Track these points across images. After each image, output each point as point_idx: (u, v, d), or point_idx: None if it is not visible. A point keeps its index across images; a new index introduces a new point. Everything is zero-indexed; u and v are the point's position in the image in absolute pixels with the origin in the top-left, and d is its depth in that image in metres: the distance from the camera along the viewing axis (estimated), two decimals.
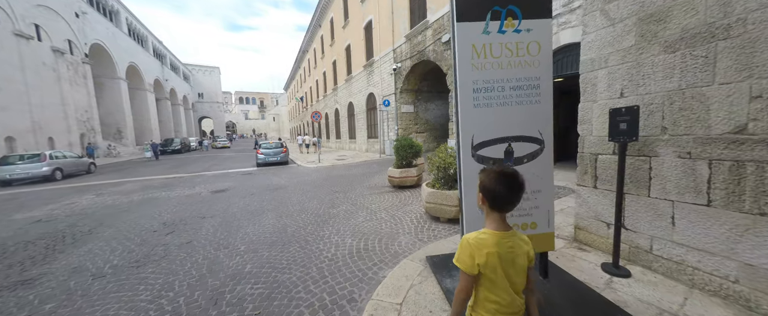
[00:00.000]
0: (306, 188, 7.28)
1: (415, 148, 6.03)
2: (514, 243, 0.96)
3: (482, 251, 0.92)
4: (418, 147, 6.05)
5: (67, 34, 19.22)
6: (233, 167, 13.73)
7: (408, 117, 14.25)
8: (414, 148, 6.03)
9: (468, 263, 0.93)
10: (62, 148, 18.15)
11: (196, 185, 8.63)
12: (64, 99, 18.51)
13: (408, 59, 12.58)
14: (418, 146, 6.06)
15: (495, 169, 1.00)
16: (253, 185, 7.99)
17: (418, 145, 6.09)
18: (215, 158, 19.66)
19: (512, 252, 0.95)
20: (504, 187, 0.94)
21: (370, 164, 11.58)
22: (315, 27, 27.33)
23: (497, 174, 0.97)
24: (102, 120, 26.19)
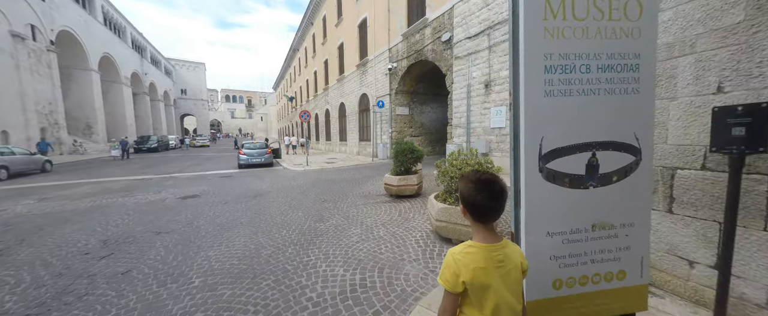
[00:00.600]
0: (290, 195, 6.43)
1: (416, 153, 5.35)
2: (504, 255, 0.90)
3: (469, 267, 0.85)
4: (419, 152, 5.37)
5: (29, 18, 17.45)
6: (213, 168, 12.60)
7: (402, 119, 13.61)
8: (415, 153, 5.34)
9: (451, 281, 0.87)
10: (19, 143, 16.32)
11: (164, 188, 7.57)
12: (22, 89, 16.70)
13: (404, 59, 11.98)
14: (419, 151, 5.38)
15: (471, 175, 0.93)
16: (230, 191, 7.05)
17: (419, 151, 5.41)
18: (194, 158, 18.29)
19: (503, 266, 0.89)
20: (483, 195, 0.87)
21: (362, 169, 10.81)
22: (307, 25, 26.45)
23: (474, 182, 0.90)
24: (69, 114, 24.10)
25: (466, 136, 8.69)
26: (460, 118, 8.88)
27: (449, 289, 0.87)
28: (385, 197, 5.75)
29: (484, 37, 7.77)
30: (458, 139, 9.01)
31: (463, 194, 0.92)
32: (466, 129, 8.62)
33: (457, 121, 9.01)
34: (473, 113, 8.34)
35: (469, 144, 8.55)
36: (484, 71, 7.85)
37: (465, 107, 8.62)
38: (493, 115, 7.67)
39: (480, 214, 0.90)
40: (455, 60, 8.85)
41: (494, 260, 0.87)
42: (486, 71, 7.80)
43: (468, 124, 8.54)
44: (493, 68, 7.60)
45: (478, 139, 8.12)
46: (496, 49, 7.44)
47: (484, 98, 7.92)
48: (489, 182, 0.89)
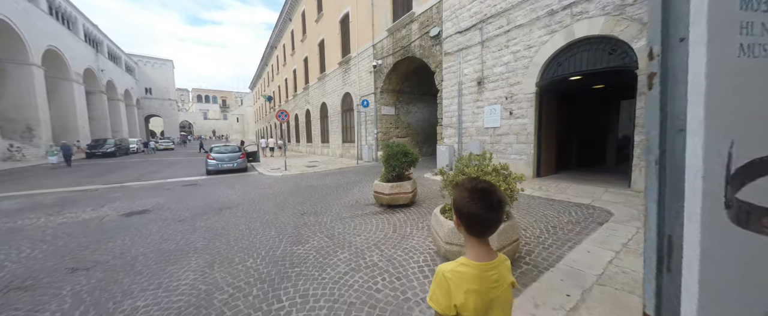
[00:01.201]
0: (264, 206, 5.51)
1: (410, 156, 4.69)
2: (499, 274, 0.83)
3: (461, 289, 0.79)
4: (413, 155, 4.71)
5: None
6: (176, 175, 11.17)
7: (388, 120, 12.97)
8: (409, 156, 4.68)
9: (443, 303, 0.81)
10: None
11: (108, 202, 6.32)
12: None
13: (390, 56, 11.35)
14: (413, 155, 4.72)
15: (467, 183, 0.86)
16: (191, 203, 5.97)
17: (413, 154, 4.76)
18: (157, 164, 16.45)
19: (498, 286, 0.82)
20: (480, 206, 0.80)
21: (346, 173, 10.00)
22: (285, 21, 25.11)
23: (470, 191, 0.83)
24: (4, 114, 21.00)
25: (457, 137, 8.19)
26: (451, 117, 8.38)
27: (441, 312, 0.81)
28: (375, 207, 5.02)
29: (476, 31, 7.31)
30: (449, 139, 8.50)
31: (457, 205, 0.84)
32: (458, 129, 8.13)
33: (448, 121, 8.50)
34: (465, 112, 7.87)
35: (461, 145, 8.07)
36: (477, 68, 7.39)
37: (456, 106, 8.13)
38: (486, 114, 7.22)
39: (476, 227, 0.82)
40: (445, 56, 8.35)
41: (489, 280, 0.81)
42: (478, 68, 7.35)
43: (459, 124, 8.05)
44: (486, 64, 7.15)
45: (470, 140, 7.64)
46: (490, 45, 7.00)
47: (477, 96, 7.47)
48: (486, 191, 0.81)
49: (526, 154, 6.42)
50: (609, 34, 4.88)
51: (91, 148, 22.57)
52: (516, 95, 6.49)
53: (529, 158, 6.36)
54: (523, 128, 6.40)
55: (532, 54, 6.08)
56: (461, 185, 0.87)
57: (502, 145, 6.93)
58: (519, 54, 6.36)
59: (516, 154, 6.62)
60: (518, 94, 6.44)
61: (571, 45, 5.46)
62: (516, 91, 6.48)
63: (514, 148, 6.65)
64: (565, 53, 5.62)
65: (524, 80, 6.30)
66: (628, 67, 4.71)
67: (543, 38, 5.85)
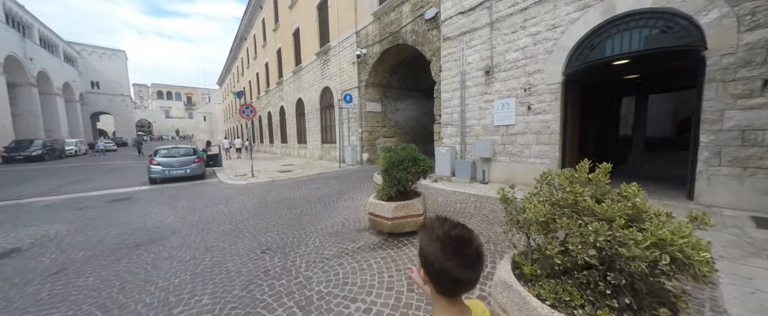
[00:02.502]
0: (208, 238, 3.82)
1: (422, 165, 3.30)
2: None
3: None
4: (425, 163, 3.33)
5: None
6: (109, 185, 8.85)
7: (374, 118, 11.54)
8: (420, 165, 3.29)
9: None
10: None
11: None
12: None
13: (376, 44, 9.92)
14: (426, 162, 3.34)
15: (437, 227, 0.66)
16: (99, 234, 4.11)
17: (426, 161, 3.37)
18: (94, 170, 13.57)
19: None
20: (455, 263, 0.62)
21: (327, 179, 8.41)
22: (255, 8, 22.65)
23: (442, 241, 0.64)
24: None
25: (459, 137, 6.98)
26: (452, 114, 7.15)
27: None
28: (371, 235, 3.58)
29: (483, 11, 6.13)
30: (449, 140, 7.27)
31: (424, 255, 0.67)
32: (460, 128, 6.92)
33: (448, 119, 7.26)
34: (469, 108, 6.67)
35: (464, 146, 6.86)
36: (484, 54, 6.21)
37: (458, 100, 6.91)
38: (497, 109, 6.07)
39: (448, 286, 0.66)
40: (444, 42, 7.10)
41: None
42: (486, 54, 6.17)
43: (462, 122, 6.84)
44: (496, 50, 5.99)
45: (476, 141, 6.45)
46: (501, 26, 5.84)
47: (485, 89, 6.29)
48: (463, 241, 0.64)
49: (548, 157, 5.33)
50: (664, 7, 3.87)
51: (9, 151, 18.53)
52: (535, 86, 5.38)
53: (552, 161, 5.28)
54: (545, 126, 5.30)
55: (558, 36, 5.00)
56: (430, 229, 0.67)
57: (516, 147, 5.80)
58: (540, 36, 5.25)
59: (535, 157, 5.51)
60: (538, 85, 5.33)
61: (609, 23, 4.42)
62: (536, 81, 5.38)
63: (533, 151, 5.54)
64: (601, 34, 4.58)
65: (547, 68, 5.20)
66: (692, 48, 3.73)
67: (572, 15, 4.77)
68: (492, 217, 4.09)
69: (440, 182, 6.69)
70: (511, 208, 1.81)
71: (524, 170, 5.67)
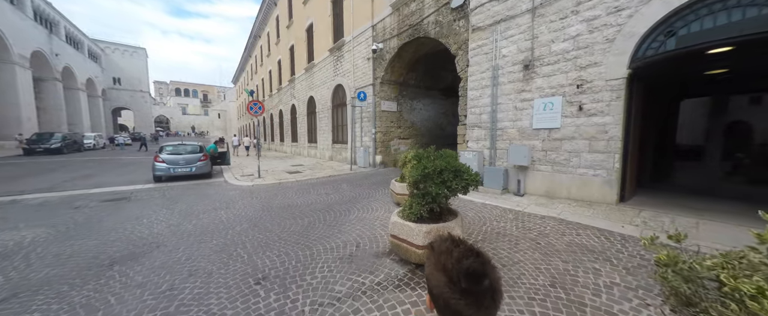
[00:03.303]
0: (198, 254, 3.19)
1: (467, 178, 2.50)
2: None
3: None
4: (471, 177, 2.52)
5: None
6: (114, 182, 8.53)
7: (389, 117, 10.80)
8: (464, 178, 2.50)
9: None
10: None
11: None
12: None
13: (394, 37, 9.18)
14: (471, 176, 2.53)
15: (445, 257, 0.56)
16: (75, 245, 3.56)
17: (472, 174, 2.57)
18: (106, 164, 13.53)
19: None
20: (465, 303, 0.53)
21: (337, 183, 7.73)
22: (269, 5, 22.43)
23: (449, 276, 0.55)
24: None
25: (489, 141, 6.13)
26: (480, 114, 6.31)
27: None
28: (393, 264, 2.83)
29: None
30: (476, 144, 6.42)
31: (430, 285, 0.59)
32: (490, 130, 6.07)
33: (475, 120, 6.42)
34: (502, 108, 5.81)
35: (494, 152, 6.00)
36: (523, 46, 5.35)
37: (488, 99, 6.07)
38: (537, 109, 5.19)
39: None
40: (473, 33, 6.27)
41: None
42: (526, 46, 5.31)
43: (493, 124, 5.99)
44: (539, 40, 5.12)
45: (510, 146, 5.59)
46: (546, 12, 4.97)
47: (522, 86, 5.43)
48: (475, 276, 0.54)
49: (604, 167, 4.42)
50: None
51: (31, 143, 18.99)
52: (590, 83, 4.48)
53: (610, 174, 4.36)
54: (602, 130, 4.40)
55: (623, 20, 4.09)
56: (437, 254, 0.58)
57: (562, 154, 4.91)
58: (597, 22, 4.36)
59: (587, 167, 4.61)
60: (594, 81, 4.44)
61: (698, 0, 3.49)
62: (590, 76, 4.48)
63: (584, 160, 4.64)
64: (685, 16, 3.65)
65: (606, 60, 4.30)
66: None
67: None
68: (544, 243, 3.25)
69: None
70: (663, 270, 1.00)
71: (571, 183, 4.78)
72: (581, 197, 4.67)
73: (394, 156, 11.02)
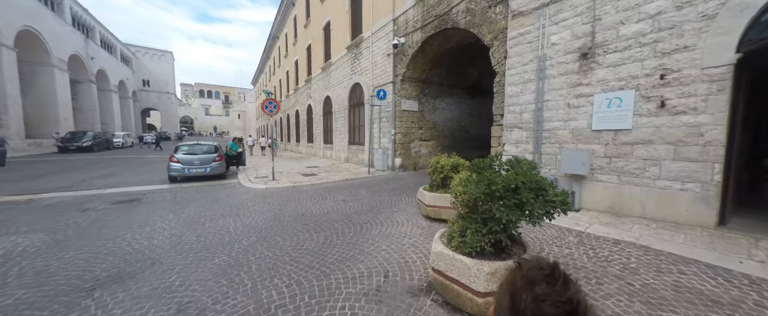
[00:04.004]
0: (195, 276, 2.64)
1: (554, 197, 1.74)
2: None
3: None
4: (558, 196, 1.76)
5: None
6: (131, 181, 8.43)
7: (410, 117, 10.08)
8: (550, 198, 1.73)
9: None
10: None
11: None
12: None
13: (417, 30, 8.47)
14: (557, 193, 1.77)
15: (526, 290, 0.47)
16: (70, 254, 3.14)
17: (559, 192, 1.80)
18: (129, 162, 13.80)
19: None
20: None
21: (355, 189, 7.11)
22: (287, 6, 22.45)
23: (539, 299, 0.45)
24: None
25: (532, 144, 5.26)
26: (520, 113, 5.45)
27: None
28: (439, 309, 2.11)
29: None
30: (515, 147, 5.57)
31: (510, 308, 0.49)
32: (533, 132, 5.20)
33: (514, 119, 5.57)
34: (550, 105, 4.94)
35: (540, 156, 5.13)
36: (580, 30, 4.47)
37: (532, 95, 5.21)
38: (598, 106, 4.29)
39: None
40: (513, 19, 5.44)
41: None
42: (584, 30, 4.42)
43: (538, 124, 5.12)
44: (602, 22, 4.23)
45: (562, 151, 4.71)
46: None
47: (578, 78, 4.54)
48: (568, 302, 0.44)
49: (698, 180, 3.46)
50: None
51: (65, 141, 20.02)
52: (678, 72, 3.55)
53: (706, 188, 3.41)
54: (695, 133, 3.45)
55: None
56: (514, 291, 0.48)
57: (633, 162, 3.98)
58: None
59: (671, 179, 3.66)
60: (685, 71, 3.50)
61: None
62: (678, 63, 3.55)
63: (666, 170, 3.69)
64: None
65: (703, 43, 3.36)
66: None
67: None
68: (639, 284, 2.40)
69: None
70: None
71: (646, 198, 3.84)
72: (661, 217, 3.73)
73: (414, 159, 10.28)
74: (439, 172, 4.12)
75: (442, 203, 4.07)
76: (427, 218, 4.39)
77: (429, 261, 2.39)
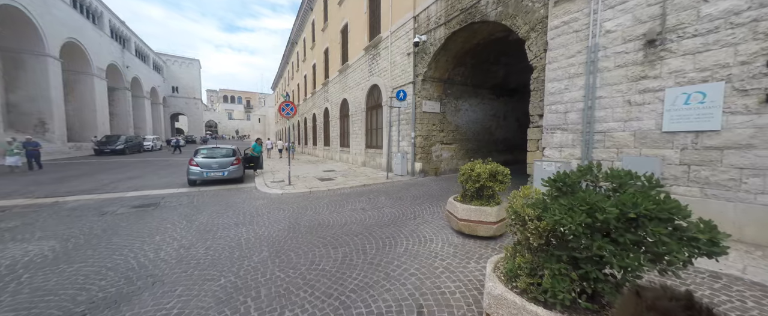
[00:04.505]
0: (195, 301, 2.26)
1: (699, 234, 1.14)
2: None
3: None
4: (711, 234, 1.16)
5: None
6: (153, 184, 8.53)
7: (431, 119, 9.52)
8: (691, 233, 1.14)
9: None
10: None
11: None
12: None
13: (441, 26, 7.95)
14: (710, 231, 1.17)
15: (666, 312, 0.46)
16: (74, 266, 2.91)
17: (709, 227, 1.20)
18: (154, 165, 14.27)
19: None
20: None
21: (374, 196, 6.65)
22: (306, 11, 22.72)
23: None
24: (18, 107, 20.27)
25: (580, 149, 4.54)
26: (565, 113, 4.75)
27: None
28: None
29: None
30: (558, 152, 4.86)
31: None
32: (582, 134, 4.48)
33: (556, 120, 4.87)
34: (605, 103, 4.22)
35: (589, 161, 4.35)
36: (644, 13, 3.75)
37: (580, 92, 4.50)
38: (671, 103, 3.54)
39: None
40: (556, 6, 4.78)
41: None
42: (650, 12, 3.70)
43: (588, 125, 4.40)
44: (675, 2, 3.49)
45: (625, 158, 3.97)
46: None
47: (642, 70, 3.81)
48: None
49: None
50: None
51: (100, 144, 21.31)
52: None
53: None
54: None
55: None
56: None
57: (723, 171, 3.20)
58: None
59: None
60: None
61: None
62: None
63: None
64: None
65: None
66: None
67: None
68: None
69: None
70: None
71: (744, 217, 3.05)
72: (767, 242, 2.93)
73: (436, 163, 9.68)
74: (474, 181, 3.54)
75: (478, 216, 3.49)
76: (459, 233, 3.82)
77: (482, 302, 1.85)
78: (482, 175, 3.48)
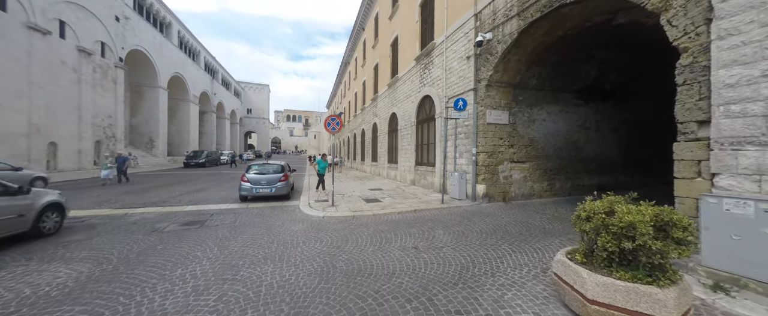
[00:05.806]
0: None
1: None
2: None
3: None
4: None
5: (100, 36, 18.16)
6: (215, 197, 8.99)
7: (496, 132, 7.85)
8: None
9: None
10: (69, 156, 16.09)
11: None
12: (81, 102, 16.82)
13: (512, 19, 6.51)
14: None
15: None
16: (83, 297, 2.41)
17: None
18: (220, 177, 15.72)
19: None
20: None
21: (427, 227, 5.32)
22: (358, 32, 23.56)
23: None
24: (137, 129, 25.46)
25: None
26: (755, 118, 2.78)
27: None
28: None
29: None
30: (754, 183, 2.84)
31: None
32: None
33: (743, 129, 2.90)
34: None
35: None
36: None
37: None
38: None
39: None
40: None
41: None
42: None
43: None
44: None
45: None
46: None
47: None
48: None
49: None
50: None
51: (188, 158, 25.07)
52: None
53: None
54: None
55: None
56: None
57: None
58: None
59: None
60: None
61: None
62: None
63: None
64: None
65: None
66: None
67: None
68: None
69: (744, 300, 2.39)
70: None
71: None
72: None
73: (503, 187, 7.85)
74: (621, 236, 2.00)
75: (635, 303, 1.91)
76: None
77: None
78: (639, 225, 1.93)
